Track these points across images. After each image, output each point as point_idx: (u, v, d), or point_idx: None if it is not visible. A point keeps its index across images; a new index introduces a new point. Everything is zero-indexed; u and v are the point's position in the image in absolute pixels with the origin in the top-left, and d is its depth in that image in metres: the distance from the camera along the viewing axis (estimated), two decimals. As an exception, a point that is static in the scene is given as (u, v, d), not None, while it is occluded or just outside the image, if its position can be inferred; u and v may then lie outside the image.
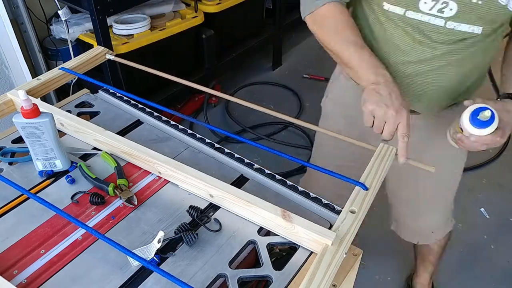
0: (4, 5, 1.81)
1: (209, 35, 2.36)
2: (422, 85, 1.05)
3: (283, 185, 0.93)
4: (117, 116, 1.12)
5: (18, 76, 2.00)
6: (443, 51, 0.99)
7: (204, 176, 0.86)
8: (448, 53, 0.99)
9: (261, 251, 0.79)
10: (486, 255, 1.92)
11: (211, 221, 0.84)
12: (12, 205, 0.87)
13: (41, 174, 0.94)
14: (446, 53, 0.99)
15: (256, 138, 2.48)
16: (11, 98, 1.05)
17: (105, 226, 0.84)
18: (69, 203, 0.88)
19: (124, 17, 2.06)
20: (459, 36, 0.96)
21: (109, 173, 0.95)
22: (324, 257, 0.71)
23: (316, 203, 0.90)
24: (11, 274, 0.75)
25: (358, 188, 0.83)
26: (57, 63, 2.17)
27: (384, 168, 0.87)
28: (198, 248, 0.79)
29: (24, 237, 0.81)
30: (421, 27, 0.96)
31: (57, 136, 0.91)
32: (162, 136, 1.06)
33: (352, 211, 0.79)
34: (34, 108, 0.86)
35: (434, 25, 0.95)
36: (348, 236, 0.75)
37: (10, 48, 1.91)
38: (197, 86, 1.12)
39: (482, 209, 2.13)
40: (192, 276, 0.75)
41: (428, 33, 0.97)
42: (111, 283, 0.74)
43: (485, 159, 2.39)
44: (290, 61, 3.21)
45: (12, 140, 1.03)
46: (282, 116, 1.04)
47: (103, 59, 1.19)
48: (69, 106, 1.14)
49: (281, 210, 0.79)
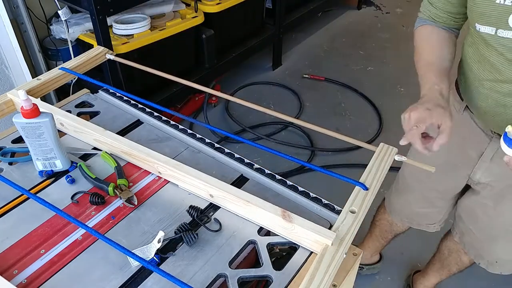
0: (4, 5, 1.81)
1: (209, 35, 2.36)
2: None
3: (283, 185, 0.93)
4: (117, 116, 1.12)
5: (18, 76, 2.00)
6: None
7: (204, 176, 0.86)
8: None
9: (261, 251, 0.79)
10: (486, 255, 1.92)
11: (211, 221, 0.84)
12: (12, 205, 0.87)
13: (41, 174, 0.94)
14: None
15: (256, 138, 2.48)
16: (11, 98, 1.05)
17: (105, 226, 0.84)
18: (69, 203, 0.88)
19: (124, 17, 2.06)
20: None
21: (109, 173, 0.95)
22: (324, 257, 0.71)
23: (316, 203, 0.90)
24: (11, 274, 0.75)
25: (358, 188, 0.83)
26: (57, 63, 2.17)
27: (384, 168, 0.87)
28: (198, 248, 0.79)
29: (24, 237, 0.81)
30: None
31: (57, 136, 0.91)
32: (162, 136, 1.06)
33: (352, 211, 0.79)
34: (34, 108, 0.86)
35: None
36: (348, 236, 0.75)
37: (10, 48, 1.91)
38: (197, 86, 1.12)
39: (482, 209, 2.13)
40: (192, 276, 0.75)
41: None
42: (111, 283, 0.74)
43: (485, 159, 2.39)
44: (290, 61, 3.21)
45: (12, 140, 1.03)
46: (282, 116, 1.04)
47: (103, 59, 1.19)
48: (69, 106, 1.14)
49: (281, 210, 0.79)
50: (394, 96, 2.86)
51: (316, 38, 3.52)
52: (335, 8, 3.88)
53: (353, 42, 3.47)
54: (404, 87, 2.94)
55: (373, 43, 3.46)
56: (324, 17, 3.77)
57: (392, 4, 4.03)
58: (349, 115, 2.71)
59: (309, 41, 3.47)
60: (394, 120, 2.63)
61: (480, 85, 1.01)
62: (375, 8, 3.98)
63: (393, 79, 3.03)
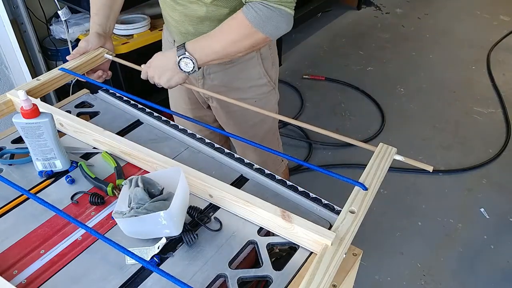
0: (4, 5, 1.81)
1: (209, 35, 2.36)
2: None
3: (283, 185, 0.93)
4: (116, 116, 1.12)
5: (18, 76, 2.00)
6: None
7: (204, 176, 0.86)
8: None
9: (261, 251, 0.79)
10: (486, 255, 1.92)
11: (211, 221, 0.84)
12: (12, 205, 0.87)
13: (41, 174, 0.94)
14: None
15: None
16: (11, 98, 1.05)
17: (105, 226, 0.84)
18: (68, 203, 0.88)
19: (124, 17, 2.06)
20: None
21: (109, 173, 0.95)
22: (324, 257, 0.71)
23: (316, 203, 0.89)
24: (11, 274, 0.75)
25: (358, 188, 0.83)
26: (57, 63, 2.17)
27: (384, 168, 0.87)
28: (198, 248, 0.79)
29: (24, 237, 0.81)
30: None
31: (56, 136, 0.91)
32: (162, 136, 1.06)
33: (352, 211, 0.79)
34: (34, 108, 0.86)
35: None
36: (347, 236, 0.75)
37: (10, 48, 1.91)
38: (196, 88, 1.12)
39: (482, 209, 2.13)
40: (192, 276, 0.75)
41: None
42: (111, 283, 0.74)
43: (485, 159, 2.40)
44: (290, 61, 3.21)
45: (12, 140, 1.03)
46: (281, 117, 1.04)
47: (103, 59, 1.19)
48: (69, 106, 1.14)
49: (280, 210, 0.79)
50: (394, 96, 2.86)
51: (316, 38, 3.53)
52: (335, 8, 3.88)
53: (353, 42, 3.47)
54: (404, 87, 2.94)
55: (373, 43, 3.46)
56: (324, 17, 3.77)
57: (392, 4, 4.03)
58: (349, 115, 2.71)
59: (309, 41, 3.47)
60: (394, 120, 2.63)
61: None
62: (374, 8, 3.98)
63: (393, 79, 3.04)
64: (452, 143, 2.51)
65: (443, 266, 1.86)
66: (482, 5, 3.99)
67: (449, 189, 2.24)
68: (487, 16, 3.83)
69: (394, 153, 0.90)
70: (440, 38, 3.52)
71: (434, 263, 1.88)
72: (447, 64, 3.21)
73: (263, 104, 1.05)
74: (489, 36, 3.51)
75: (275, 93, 1.34)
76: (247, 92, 1.24)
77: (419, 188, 2.23)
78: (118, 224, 0.80)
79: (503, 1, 4.03)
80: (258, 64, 1.22)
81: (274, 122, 1.41)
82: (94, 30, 1.19)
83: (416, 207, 2.14)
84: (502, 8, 3.93)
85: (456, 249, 1.94)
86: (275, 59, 1.29)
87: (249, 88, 1.25)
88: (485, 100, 2.84)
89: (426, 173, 2.29)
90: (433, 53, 3.33)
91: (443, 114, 2.72)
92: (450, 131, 2.59)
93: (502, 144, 2.50)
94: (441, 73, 3.10)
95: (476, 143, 2.51)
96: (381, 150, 0.91)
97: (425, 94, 2.89)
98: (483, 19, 3.79)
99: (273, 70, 1.29)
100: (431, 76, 3.08)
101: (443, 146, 2.49)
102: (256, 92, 1.26)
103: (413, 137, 2.52)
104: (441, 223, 2.06)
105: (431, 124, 2.64)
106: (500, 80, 3.00)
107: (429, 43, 3.47)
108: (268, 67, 1.25)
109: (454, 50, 3.37)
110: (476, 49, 3.36)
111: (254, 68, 1.22)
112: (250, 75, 1.23)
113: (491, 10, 3.91)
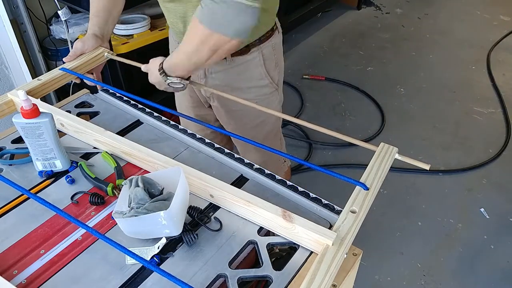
0: (4, 5, 1.81)
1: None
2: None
3: (283, 185, 0.93)
4: (117, 116, 1.11)
5: (18, 76, 2.00)
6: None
7: (204, 176, 0.86)
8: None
9: (261, 251, 0.79)
10: (486, 255, 1.92)
11: (211, 221, 0.84)
12: (12, 205, 0.87)
13: (41, 174, 0.94)
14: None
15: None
16: (11, 98, 1.05)
17: (105, 226, 0.84)
18: (68, 203, 0.88)
19: (124, 17, 2.06)
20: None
21: (109, 173, 0.95)
22: (325, 258, 0.71)
23: (316, 203, 0.89)
24: (11, 274, 0.75)
25: (359, 188, 0.83)
26: (57, 63, 2.17)
27: (385, 168, 0.87)
28: (198, 248, 0.79)
29: (24, 237, 0.81)
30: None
31: (57, 136, 0.91)
32: (162, 136, 1.06)
33: (353, 211, 0.79)
34: (34, 108, 0.86)
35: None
36: (348, 236, 0.75)
37: (10, 48, 1.91)
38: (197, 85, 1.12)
39: (482, 209, 2.13)
40: (192, 276, 0.75)
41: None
42: (111, 283, 0.74)
43: (485, 159, 2.40)
44: (290, 61, 3.20)
45: (12, 140, 1.03)
46: (283, 115, 1.04)
47: (103, 59, 1.19)
48: (69, 106, 1.14)
49: (281, 210, 0.79)
50: (394, 96, 2.86)
51: (316, 38, 3.52)
52: (335, 8, 3.88)
53: (353, 42, 3.47)
54: (404, 87, 2.94)
55: (373, 43, 3.46)
56: (324, 17, 3.77)
57: (392, 4, 4.03)
58: (349, 115, 2.71)
59: (309, 41, 3.47)
60: (394, 120, 2.63)
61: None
62: (374, 8, 3.98)
63: (393, 79, 3.04)
64: (452, 143, 2.51)
65: (443, 266, 1.86)
66: (482, 5, 3.99)
67: (449, 189, 2.24)
68: (487, 16, 3.83)
69: (395, 153, 0.90)
70: (440, 38, 3.52)
71: (434, 263, 1.88)
72: (447, 64, 3.22)
73: (265, 105, 1.04)
74: (489, 36, 3.51)
75: (278, 94, 1.33)
76: (248, 93, 1.24)
77: (419, 188, 2.23)
78: (118, 224, 0.80)
79: (503, 1, 4.03)
80: (260, 64, 1.21)
81: (276, 123, 1.40)
82: (91, 32, 1.18)
83: (416, 207, 2.14)
84: (502, 8, 3.93)
85: (456, 249, 1.94)
86: (279, 60, 1.28)
87: (250, 89, 1.24)
88: (485, 100, 2.84)
89: (426, 173, 2.29)
90: (433, 53, 3.33)
91: (443, 114, 2.72)
92: (450, 131, 2.59)
93: (502, 144, 2.50)
94: (441, 73, 3.10)
95: (476, 143, 2.51)
96: (382, 150, 0.90)
97: (425, 94, 2.89)
98: (483, 19, 3.79)
99: (276, 71, 1.27)
100: (431, 76, 3.08)
101: (443, 146, 2.49)
102: (258, 93, 1.25)
103: (413, 137, 2.52)
104: (441, 223, 2.06)
105: (431, 124, 2.64)
106: (500, 80, 3.00)
107: (429, 43, 3.47)
108: (270, 68, 1.24)
109: (454, 50, 3.38)
110: (476, 49, 3.36)
111: (256, 69, 1.22)
112: (252, 75, 1.23)
113: (491, 10, 3.91)
